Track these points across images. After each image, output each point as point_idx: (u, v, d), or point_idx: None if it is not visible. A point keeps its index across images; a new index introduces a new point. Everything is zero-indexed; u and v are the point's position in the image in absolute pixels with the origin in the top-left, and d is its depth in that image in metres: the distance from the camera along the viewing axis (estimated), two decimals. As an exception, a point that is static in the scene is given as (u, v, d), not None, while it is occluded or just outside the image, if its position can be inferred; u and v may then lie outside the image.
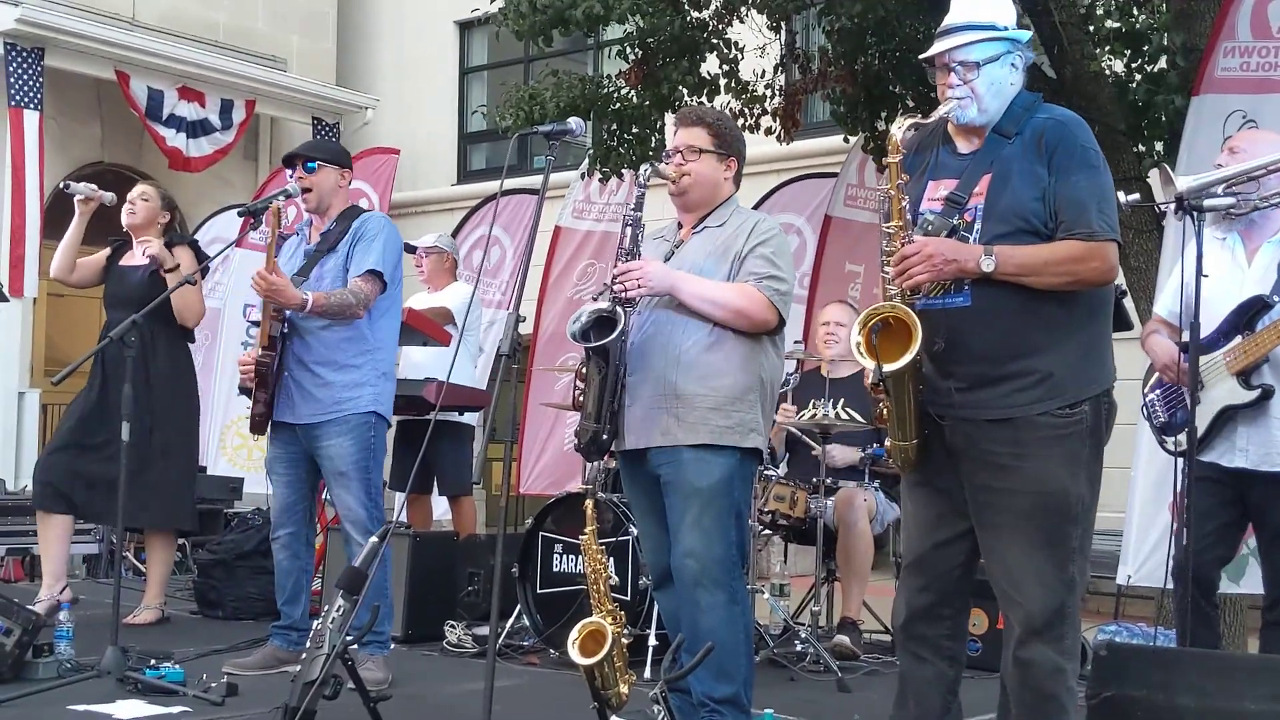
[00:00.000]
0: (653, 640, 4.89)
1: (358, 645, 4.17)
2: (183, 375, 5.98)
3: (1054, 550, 3.05)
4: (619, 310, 3.66)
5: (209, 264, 6.12)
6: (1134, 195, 4.67)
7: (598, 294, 3.77)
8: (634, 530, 4.95)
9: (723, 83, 7.41)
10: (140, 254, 5.84)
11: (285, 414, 4.76)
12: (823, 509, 5.64)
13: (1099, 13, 6.84)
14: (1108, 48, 6.69)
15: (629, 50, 7.24)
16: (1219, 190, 3.82)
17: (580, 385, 3.81)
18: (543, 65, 9.77)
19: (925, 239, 3.06)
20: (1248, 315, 4.06)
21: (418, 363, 6.49)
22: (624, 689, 3.63)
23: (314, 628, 3.62)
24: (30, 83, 11.29)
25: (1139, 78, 6.55)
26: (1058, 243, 3.04)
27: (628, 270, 3.69)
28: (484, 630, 5.28)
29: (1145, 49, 6.45)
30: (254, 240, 7.78)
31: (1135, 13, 6.68)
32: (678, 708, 3.63)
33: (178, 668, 4.41)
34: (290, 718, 3.41)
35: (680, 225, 3.96)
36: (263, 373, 4.70)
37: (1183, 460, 3.80)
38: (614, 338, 3.64)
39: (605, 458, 4.03)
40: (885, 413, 3.13)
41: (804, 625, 5.64)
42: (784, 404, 5.70)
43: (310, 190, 4.84)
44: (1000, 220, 3.07)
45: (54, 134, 11.91)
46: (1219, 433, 4.08)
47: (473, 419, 6.75)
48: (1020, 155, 3.10)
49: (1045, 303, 3.05)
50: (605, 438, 3.71)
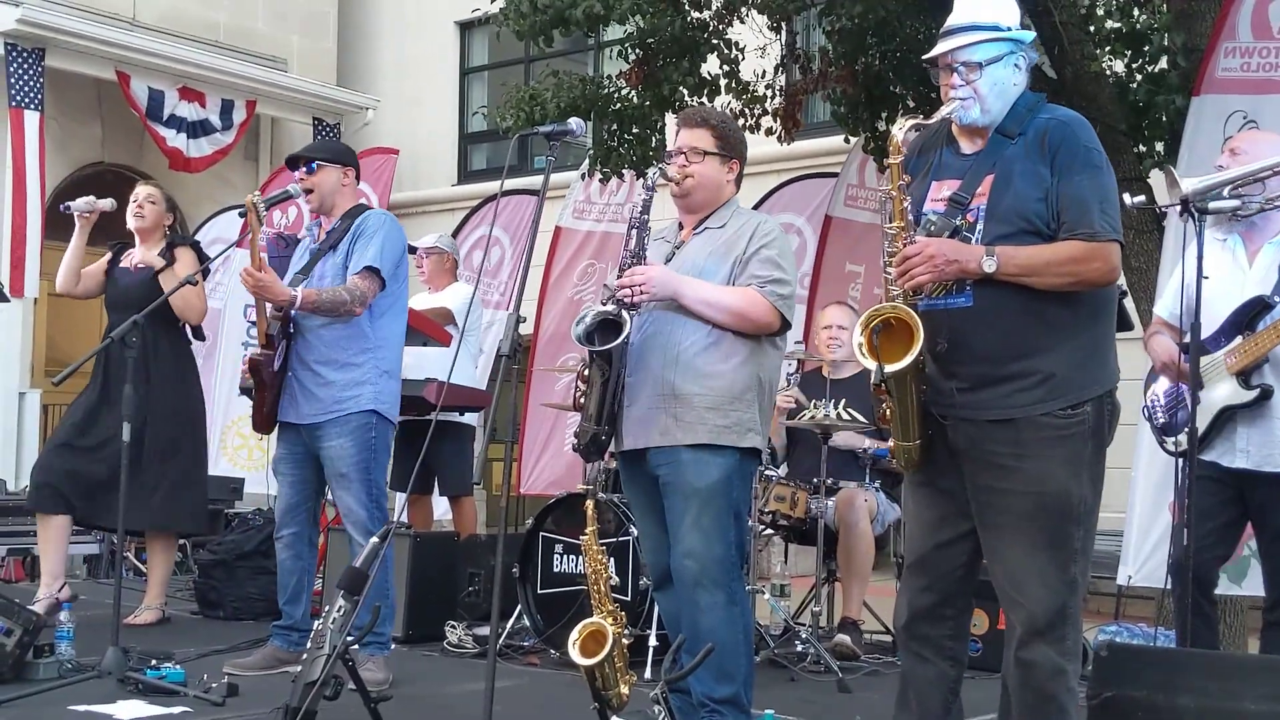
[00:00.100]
0: (653, 641, 4.89)
1: (358, 646, 4.16)
2: (185, 376, 5.97)
3: (1056, 551, 3.05)
4: (624, 314, 3.66)
5: (210, 264, 6.12)
6: (1140, 197, 4.66)
7: (605, 299, 3.76)
8: (634, 531, 4.95)
9: (723, 83, 7.41)
10: (136, 260, 5.85)
11: (289, 414, 4.76)
12: (823, 509, 5.63)
13: (1099, 13, 6.84)
14: (1108, 48, 6.69)
15: (629, 50, 7.23)
16: (1224, 192, 3.82)
17: (581, 386, 3.81)
18: (543, 65, 9.76)
19: (927, 239, 3.06)
20: (1248, 316, 4.06)
21: (410, 364, 6.47)
22: (624, 689, 3.63)
23: (315, 628, 3.62)
24: (31, 83, 11.29)
25: (1139, 78, 6.55)
26: (1060, 243, 3.03)
27: (631, 276, 3.69)
28: (484, 630, 5.28)
29: (1146, 49, 6.45)
30: (253, 239, 7.77)
31: (1136, 13, 6.67)
32: (678, 708, 3.63)
33: (178, 668, 4.41)
34: (291, 718, 3.41)
35: (681, 225, 3.96)
36: (258, 371, 4.69)
37: (1183, 460, 3.80)
38: (619, 343, 3.64)
39: (605, 458, 4.03)
40: (888, 413, 3.13)
41: (804, 625, 5.64)
42: (784, 390, 5.67)
43: (312, 191, 4.85)
44: (1003, 221, 3.06)
45: (54, 134, 11.91)
46: (1219, 433, 4.09)
47: (473, 419, 6.75)
48: (1023, 156, 3.10)
49: (1048, 303, 3.04)
50: (605, 439, 3.72)
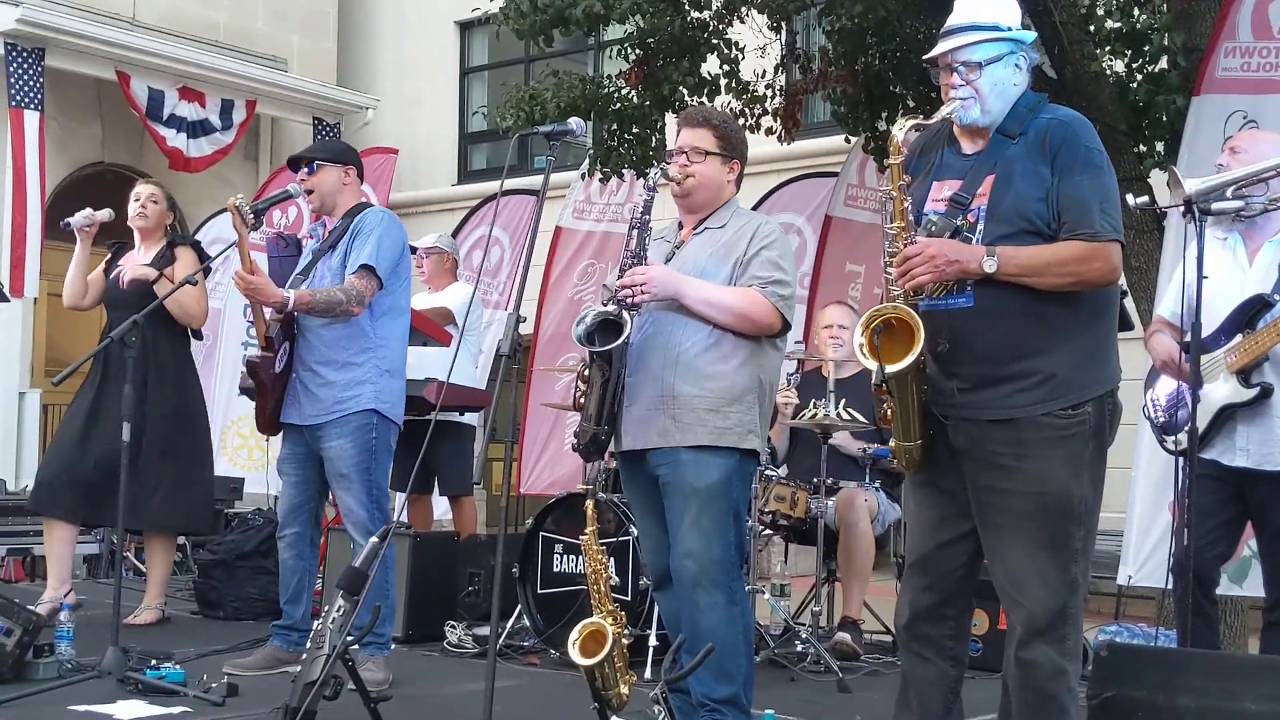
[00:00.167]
0: (653, 641, 4.89)
1: (358, 646, 4.16)
2: (185, 377, 5.96)
3: (1057, 551, 3.04)
4: (625, 315, 3.66)
5: (210, 264, 6.11)
6: (1143, 198, 4.66)
7: (605, 299, 3.75)
8: (634, 531, 4.94)
9: (723, 83, 7.41)
10: (129, 269, 5.84)
11: (291, 415, 4.75)
12: (823, 509, 5.63)
13: (1100, 13, 6.84)
14: (1108, 48, 6.69)
15: (629, 50, 7.23)
16: (1228, 193, 3.82)
17: (581, 386, 3.80)
18: (543, 65, 9.76)
19: (928, 240, 3.05)
20: (1248, 314, 4.06)
21: (410, 364, 6.46)
22: (624, 689, 3.63)
23: (314, 628, 3.62)
24: (31, 83, 11.29)
25: (1140, 78, 6.55)
26: (1060, 243, 3.02)
27: (632, 276, 3.69)
28: (484, 630, 5.28)
29: (1146, 49, 6.45)
30: (253, 240, 7.75)
31: (1136, 13, 6.67)
32: (678, 708, 3.62)
33: (178, 668, 4.40)
34: (291, 718, 3.41)
35: (681, 225, 3.96)
36: (257, 373, 4.69)
37: (1183, 459, 3.80)
38: (619, 343, 3.64)
39: (606, 458, 4.03)
40: (889, 413, 3.13)
41: (804, 625, 5.63)
42: (784, 389, 5.67)
43: (313, 191, 4.84)
44: (1003, 221, 3.06)
45: (54, 134, 11.91)
46: (1219, 431, 4.09)
47: (473, 419, 6.74)
48: (1024, 156, 3.09)
49: (1048, 303, 3.04)
50: (604, 439, 3.72)
